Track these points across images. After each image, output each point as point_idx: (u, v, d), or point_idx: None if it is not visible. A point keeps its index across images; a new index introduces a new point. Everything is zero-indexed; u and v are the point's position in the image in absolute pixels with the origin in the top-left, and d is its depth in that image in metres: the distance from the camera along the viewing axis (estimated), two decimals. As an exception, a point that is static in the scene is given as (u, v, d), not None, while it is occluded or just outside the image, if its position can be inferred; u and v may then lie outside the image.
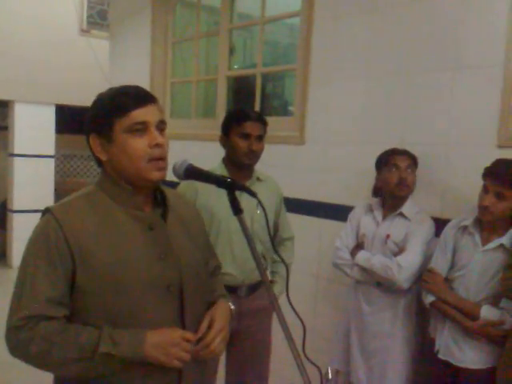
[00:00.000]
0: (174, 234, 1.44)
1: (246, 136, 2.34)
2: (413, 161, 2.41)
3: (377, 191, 2.54)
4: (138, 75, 4.54)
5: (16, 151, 7.07)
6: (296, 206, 3.08)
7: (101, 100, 1.39)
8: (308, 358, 1.30)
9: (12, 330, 1.28)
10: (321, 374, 1.28)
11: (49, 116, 7.23)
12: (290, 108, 3.85)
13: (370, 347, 2.41)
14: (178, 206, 1.52)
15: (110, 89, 1.42)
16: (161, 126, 1.37)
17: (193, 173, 1.40)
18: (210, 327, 1.43)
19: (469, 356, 2.14)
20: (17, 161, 7.08)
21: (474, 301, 2.13)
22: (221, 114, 3.90)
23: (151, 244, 1.38)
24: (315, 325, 2.87)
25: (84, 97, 6.77)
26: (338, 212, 2.96)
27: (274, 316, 2.59)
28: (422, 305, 2.34)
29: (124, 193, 1.38)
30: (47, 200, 7.35)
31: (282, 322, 1.28)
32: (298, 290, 2.28)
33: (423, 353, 2.39)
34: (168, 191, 1.51)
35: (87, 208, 1.36)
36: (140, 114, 1.33)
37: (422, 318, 2.42)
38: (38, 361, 1.30)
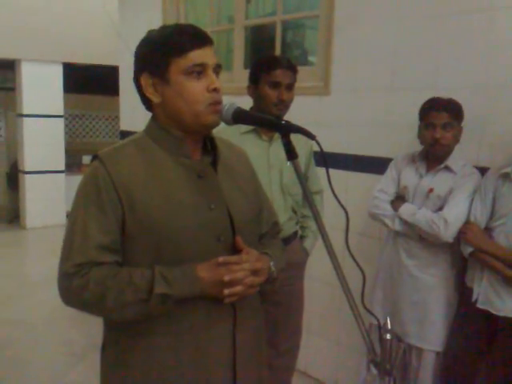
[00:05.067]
0: (223, 183, 1.38)
1: (276, 84, 2.24)
2: (452, 115, 2.23)
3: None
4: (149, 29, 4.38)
5: (25, 111, 6.98)
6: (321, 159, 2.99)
7: (154, 37, 1.33)
8: (367, 309, 1.26)
9: (65, 277, 1.25)
10: (379, 324, 1.25)
11: (56, 75, 7.11)
12: (310, 58, 3.71)
13: (413, 300, 2.37)
14: (228, 156, 1.45)
15: (163, 26, 1.36)
16: (217, 69, 1.31)
17: (242, 116, 1.31)
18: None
19: (508, 304, 2.11)
20: (26, 121, 7.01)
21: (514, 249, 2.09)
22: (238, 66, 3.78)
23: (200, 193, 1.32)
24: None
25: (93, 54, 6.72)
26: (366, 164, 2.89)
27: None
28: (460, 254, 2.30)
29: (172, 139, 1.33)
30: (58, 161, 7.32)
31: (338, 272, 1.24)
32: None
33: (461, 302, 2.35)
34: (218, 139, 1.43)
35: (135, 155, 1.31)
36: (198, 56, 1.27)
37: (459, 268, 2.38)
38: (93, 307, 1.27)
